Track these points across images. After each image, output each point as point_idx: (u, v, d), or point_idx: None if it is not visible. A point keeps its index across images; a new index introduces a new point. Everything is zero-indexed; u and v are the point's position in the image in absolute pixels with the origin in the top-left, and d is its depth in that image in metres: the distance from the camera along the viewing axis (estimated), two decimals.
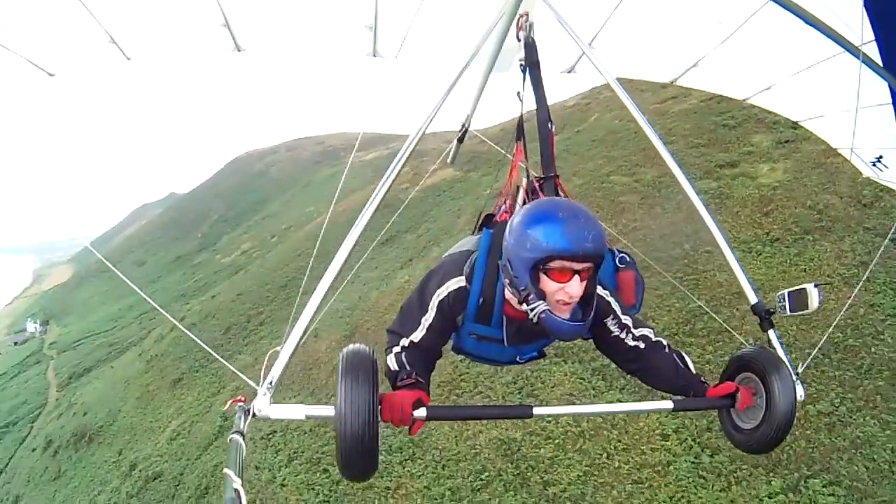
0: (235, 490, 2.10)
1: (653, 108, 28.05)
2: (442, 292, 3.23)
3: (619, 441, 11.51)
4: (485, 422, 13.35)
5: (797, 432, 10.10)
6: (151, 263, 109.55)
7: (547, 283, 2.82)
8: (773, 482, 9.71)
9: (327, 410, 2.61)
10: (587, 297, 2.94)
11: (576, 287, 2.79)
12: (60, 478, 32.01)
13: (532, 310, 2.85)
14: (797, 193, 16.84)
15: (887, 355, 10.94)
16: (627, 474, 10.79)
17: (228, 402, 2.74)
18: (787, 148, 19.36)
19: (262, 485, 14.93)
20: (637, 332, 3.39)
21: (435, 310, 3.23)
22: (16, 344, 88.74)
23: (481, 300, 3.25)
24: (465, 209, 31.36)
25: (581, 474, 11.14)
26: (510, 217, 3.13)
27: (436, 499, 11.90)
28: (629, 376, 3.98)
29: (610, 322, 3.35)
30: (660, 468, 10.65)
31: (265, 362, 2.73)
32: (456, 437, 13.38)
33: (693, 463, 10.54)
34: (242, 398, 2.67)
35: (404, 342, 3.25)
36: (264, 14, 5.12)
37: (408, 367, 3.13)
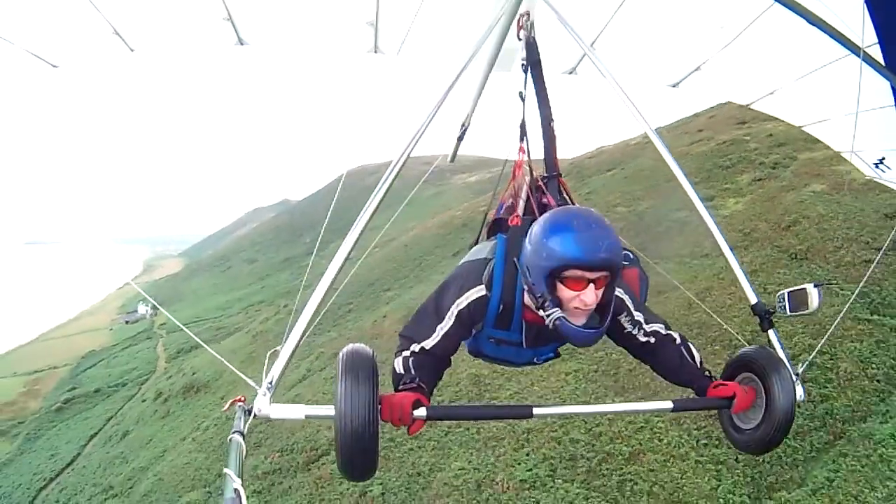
0: (235, 490, 2.17)
1: (680, 149, 34.37)
2: (462, 302, 3.33)
3: (543, 374, 17.93)
4: (467, 362, 18.01)
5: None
6: (261, 262, 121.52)
7: (563, 291, 2.97)
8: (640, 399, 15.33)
9: (328, 410, 2.73)
10: (604, 305, 3.08)
11: (590, 295, 2.94)
12: (168, 416, 40.22)
13: (548, 315, 3.01)
14: (737, 220, 22.33)
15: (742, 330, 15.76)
16: (543, 389, 17.45)
17: (228, 403, 2.94)
18: (757, 185, 24.95)
19: None
20: (648, 329, 3.56)
21: (453, 319, 3.32)
22: (127, 322, 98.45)
23: (501, 307, 3.38)
24: None
25: (515, 392, 18.02)
26: (522, 222, 3.57)
27: None
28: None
29: (623, 319, 3.51)
30: (565, 392, 17.21)
31: (265, 362, 2.92)
32: (449, 373, 19.89)
33: (588, 389, 16.98)
34: (242, 398, 2.85)
35: (415, 347, 3.32)
36: (266, 9, 5.30)
37: (412, 372, 3.19)
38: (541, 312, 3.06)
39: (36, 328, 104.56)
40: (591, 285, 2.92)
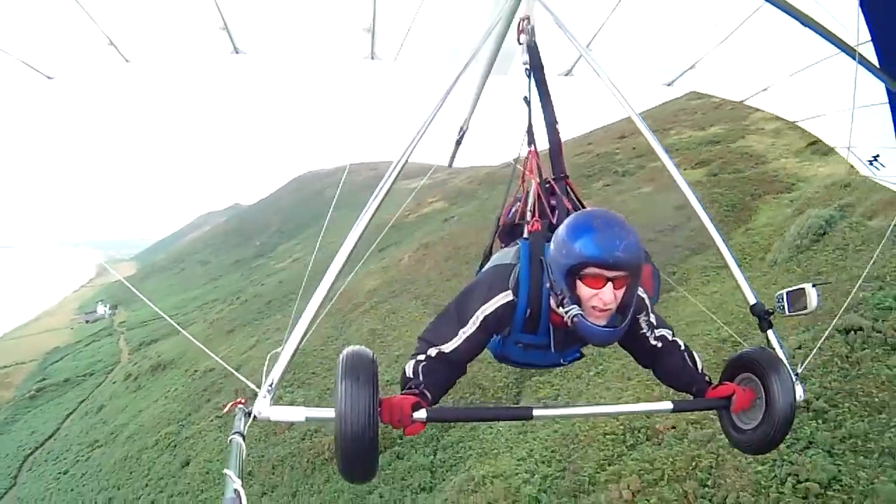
0: (235, 490, 2.18)
1: (574, 158, 41.77)
2: (488, 308, 3.32)
3: None
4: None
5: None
6: (214, 264, 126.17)
7: (582, 289, 3.00)
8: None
9: (328, 413, 2.70)
10: (624, 306, 3.10)
11: (608, 294, 2.96)
12: (140, 390, 45.79)
13: (566, 313, 3.03)
14: None
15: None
16: None
17: (229, 405, 2.89)
18: (604, 189, 32.15)
19: None
20: (658, 333, 3.61)
21: (478, 324, 3.30)
22: (87, 322, 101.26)
23: (528, 311, 3.38)
24: (435, 232, 47.81)
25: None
26: (540, 226, 3.65)
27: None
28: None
29: (641, 318, 3.56)
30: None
31: (265, 364, 2.85)
32: None
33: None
34: (243, 400, 2.81)
35: (432, 352, 3.28)
36: (262, 17, 5.35)
37: (420, 378, 3.16)
38: (560, 310, 3.10)
39: None
40: (610, 284, 2.95)
